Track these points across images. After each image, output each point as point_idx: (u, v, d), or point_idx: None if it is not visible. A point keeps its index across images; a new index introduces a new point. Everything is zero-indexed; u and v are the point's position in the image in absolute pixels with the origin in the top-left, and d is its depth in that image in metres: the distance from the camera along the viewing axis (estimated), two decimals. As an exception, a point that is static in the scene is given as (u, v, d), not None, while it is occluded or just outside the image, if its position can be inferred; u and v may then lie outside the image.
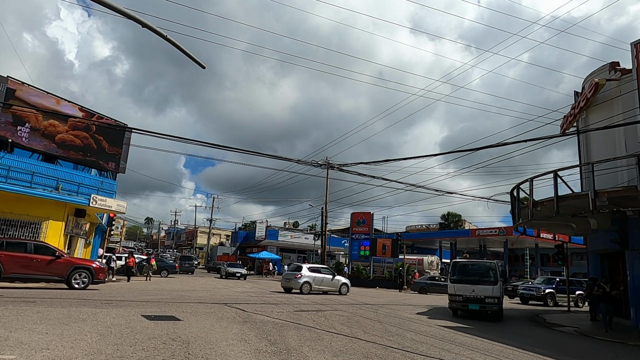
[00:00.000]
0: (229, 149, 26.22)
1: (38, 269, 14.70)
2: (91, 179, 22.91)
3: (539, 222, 16.57)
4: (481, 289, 14.58)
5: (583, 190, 15.11)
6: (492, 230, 41.75)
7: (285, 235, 57.80)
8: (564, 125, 17.80)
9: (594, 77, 15.66)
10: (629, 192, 11.96)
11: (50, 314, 8.78)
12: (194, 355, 6.09)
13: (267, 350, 6.78)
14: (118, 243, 58.35)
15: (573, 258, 46.25)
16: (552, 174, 13.62)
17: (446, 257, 50.35)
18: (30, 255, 14.70)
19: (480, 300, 14.47)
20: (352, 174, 31.30)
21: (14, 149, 20.33)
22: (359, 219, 39.25)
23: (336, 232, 61.63)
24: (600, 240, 15.34)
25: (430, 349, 8.10)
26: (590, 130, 15.51)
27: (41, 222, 19.53)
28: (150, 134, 16.27)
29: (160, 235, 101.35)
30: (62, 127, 22.30)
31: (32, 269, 14.60)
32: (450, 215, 68.46)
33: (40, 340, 6.33)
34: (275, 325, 9.48)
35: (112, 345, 6.36)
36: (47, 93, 22.12)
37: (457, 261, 16.62)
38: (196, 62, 7.56)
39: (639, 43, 12.87)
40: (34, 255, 14.77)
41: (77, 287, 15.16)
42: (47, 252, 15.13)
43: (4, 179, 18.40)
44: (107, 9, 6.27)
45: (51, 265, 14.85)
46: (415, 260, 41.20)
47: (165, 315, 9.82)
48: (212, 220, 64.67)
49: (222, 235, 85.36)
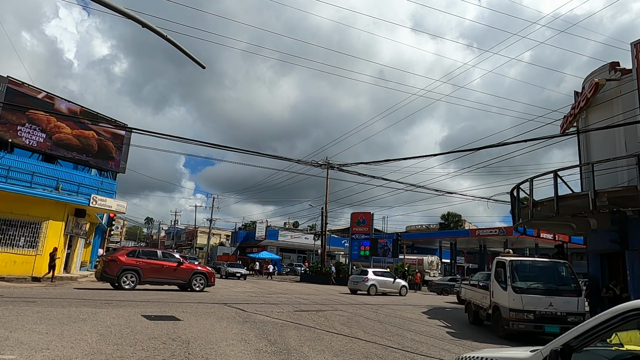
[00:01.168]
0: (228, 149, 26.24)
1: (167, 274, 16.73)
2: (91, 179, 22.92)
3: (539, 222, 16.57)
4: (561, 302, 10.33)
5: (583, 190, 15.09)
6: (492, 230, 41.71)
7: (285, 235, 57.79)
8: (564, 125, 17.79)
9: (594, 77, 15.66)
10: (629, 192, 11.95)
11: (50, 314, 8.78)
12: (194, 355, 6.08)
13: (267, 350, 6.78)
14: (118, 243, 58.37)
15: (573, 258, 46.23)
16: (552, 174, 13.61)
17: (446, 257, 50.31)
18: (160, 262, 16.79)
19: (561, 319, 10.17)
20: (352, 174, 31.35)
21: (14, 149, 20.34)
22: (359, 219, 39.24)
23: (336, 232, 61.60)
24: (600, 240, 15.32)
25: (430, 349, 8.09)
26: (590, 130, 15.51)
27: (41, 222, 19.54)
28: (150, 134, 16.27)
29: (160, 235, 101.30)
30: (64, 127, 22.31)
31: (162, 274, 16.61)
32: (450, 215, 68.44)
33: (40, 340, 6.33)
34: (275, 325, 9.48)
35: (112, 345, 6.36)
36: (47, 93, 22.13)
37: (517, 260, 11.49)
38: (196, 62, 7.56)
39: (639, 43, 12.88)
40: (163, 262, 16.85)
41: (197, 289, 17.27)
42: (172, 260, 17.34)
43: (4, 179, 18.42)
44: (107, 8, 6.27)
45: (177, 271, 16.91)
46: (415, 260, 41.18)
47: (165, 315, 9.82)
48: (212, 220, 64.62)
49: (222, 235, 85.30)
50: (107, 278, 15.88)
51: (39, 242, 19.34)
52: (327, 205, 36.22)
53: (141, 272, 16.05)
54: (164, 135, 17.20)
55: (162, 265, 16.69)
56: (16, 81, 20.50)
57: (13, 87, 20.25)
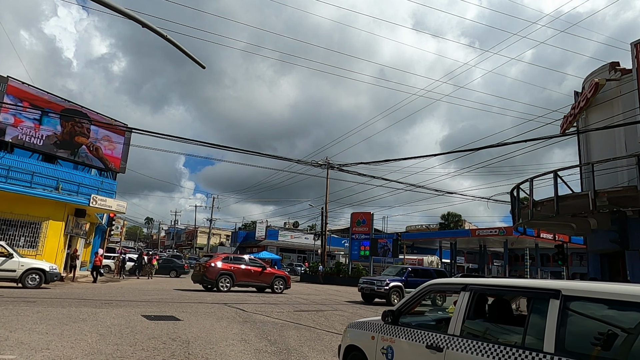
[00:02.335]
0: (228, 149, 26.16)
1: (254, 278, 18.94)
2: (91, 179, 22.91)
3: (539, 222, 16.55)
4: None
5: (583, 190, 15.08)
6: (492, 230, 41.70)
7: (285, 235, 57.82)
8: (564, 125, 17.78)
9: (594, 77, 15.65)
10: (629, 192, 11.95)
11: (50, 314, 8.78)
12: (194, 355, 6.08)
13: (267, 350, 6.78)
14: (118, 243, 58.33)
15: (573, 258, 46.22)
16: (552, 174, 13.60)
17: (446, 257, 50.31)
18: (248, 267, 18.85)
19: None
20: (352, 174, 31.35)
21: (14, 149, 20.33)
22: (359, 219, 39.23)
23: (336, 232, 61.60)
24: (600, 240, 15.31)
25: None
26: (590, 130, 15.50)
27: (41, 222, 19.53)
28: (150, 134, 16.26)
29: (161, 235, 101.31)
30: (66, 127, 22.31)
31: (250, 277, 18.80)
32: (450, 215, 68.49)
33: (40, 340, 6.32)
34: (275, 325, 9.48)
35: (112, 345, 6.35)
36: (47, 93, 22.13)
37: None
38: (196, 62, 7.56)
39: (639, 43, 12.87)
40: (251, 267, 18.92)
41: (278, 291, 19.30)
42: (257, 265, 19.42)
43: (4, 179, 18.40)
44: (108, 8, 6.27)
45: (262, 275, 19.08)
46: (415, 261, 41.20)
47: (165, 315, 9.82)
48: (212, 220, 64.65)
49: (222, 235, 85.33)
50: (207, 281, 17.86)
51: (39, 242, 19.33)
52: (327, 205, 36.23)
53: (234, 276, 18.20)
54: (163, 135, 17.21)
55: (250, 270, 18.82)
56: (17, 81, 20.48)
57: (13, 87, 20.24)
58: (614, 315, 2.63)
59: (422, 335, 3.76)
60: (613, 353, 2.49)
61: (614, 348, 2.50)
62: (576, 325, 2.78)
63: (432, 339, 3.62)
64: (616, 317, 2.62)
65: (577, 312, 2.78)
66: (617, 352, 2.48)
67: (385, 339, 4.18)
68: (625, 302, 2.56)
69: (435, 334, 3.64)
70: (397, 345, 4.04)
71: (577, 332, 2.75)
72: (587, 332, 2.73)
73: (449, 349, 3.41)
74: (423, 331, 3.81)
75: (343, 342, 5.04)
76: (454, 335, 3.46)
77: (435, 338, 3.60)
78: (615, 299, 2.62)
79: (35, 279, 14.79)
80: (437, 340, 3.57)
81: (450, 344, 3.42)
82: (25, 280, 14.60)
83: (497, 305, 3.75)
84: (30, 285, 14.63)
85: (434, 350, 3.53)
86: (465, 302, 3.59)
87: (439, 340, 3.55)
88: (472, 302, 3.57)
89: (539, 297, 3.08)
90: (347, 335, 4.97)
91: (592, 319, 2.77)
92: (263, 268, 19.29)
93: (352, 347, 4.81)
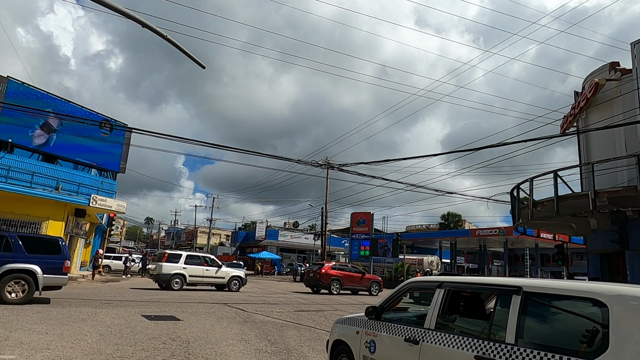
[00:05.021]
0: (227, 149, 26.08)
1: (356, 282, 22.25)
2: (91, 179, 22.91)
3: (539, 222, 16.55)
4: None
5: (583, 190, 15.08)
6: (492, 230, 41.69)
7: (285, 235, 57.76)
8: (564, 125, 17.78)
9: (594, 77, 15.65)
10: (629, 192, 11.94)
11: (50, 314, 8.78)
12: (194, 355, 6.08)
13: (267, 350, 6.78)
14: (118, 243, 58.34)
15: (573, 258, 46.24)
16: (552, 174, 13.60)
17: (446, 257, 50.29)
18: (351, 273, 22.44)
19: None
20: (352, 173, 31.34)
21: (14, 149, 20.33)
22: (359, 219, 39.20)
23: (336, 232, 61.56)
24: (600, 240, 15.31)
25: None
26: (590, 130, 15.50)
27: (41, 222, 19.53)
28: (149, 133, 16.25)
29: (161, 235, 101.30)
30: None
31: (354, 282, 22.19)
32: (450, 215, 68.45)
33: (40, 340, 6.32)
34: (275, 325, 9.48)
35: (112, 345, 6.35)
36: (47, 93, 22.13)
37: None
38: (196, 62, 7.55)
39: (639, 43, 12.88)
40: (353, 273, 22.48)
41: (374, 294, 22.23)
42: (357, 271, 22.95)
43: (4, 179, 18.40)
44: (107, 8, 6.26)
45: (361, 280, 22.43)
46: (415, 261, 41.16)
47: (165, 315, 9.82)
48: (212, 220, 64.58)
49: (222, 235, 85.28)
50: (322, 286, 21.23)
51: (39, 242, 19.33)
52: (327, 205, 36.20)
53: (342, 281, 21.49)
54: (163, 135, 17.21)
55: (353, 275, 22.26)
56: (17, 81, 20.48)
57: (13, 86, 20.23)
58: (566, 307, 2.93)
59: (401, 330, 4.08)
60: (564, 341, 2.80)
61: (566, 336, 2.84)
62: (535, 317, 3.07)
63: (410, 333, 3.93)
64: (567, 308, 2.92)
65: (536, 306, 3.07)
66: (568, 340, 2.79)
67: (369, 334, 4.50)
68: (573, 296, 2.88)
69: (413, 328, 3.95)
70: (379, 339, 4.34)
71: (535, 324, 3.05)
72: (543, 324, 3.05)
73: (424, 342, 3.73)
74: (403, 326, 4.13)
75: (331, 337, 5.34)
76: (429, 329, 3.78)
77: (412, 332, 3.92)
78: (565, 294, 2.93)
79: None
80: (414, 333, 3.88)
81: (426, 337, 3.74)
82: None
83: (470, 301, 4.05)
84: None
85: (411, 343, 3.84)
86: (440, 298, 3.88)
87: (416, 333, 3.86)
88: (447, 298, 3.86)
89: (503, 294, 3.34)
90: (335, 331, 5.28)
91: (548, 311, 3.06)
92: (363, 274, 22.74)
93: (338, 342, 5.11)
